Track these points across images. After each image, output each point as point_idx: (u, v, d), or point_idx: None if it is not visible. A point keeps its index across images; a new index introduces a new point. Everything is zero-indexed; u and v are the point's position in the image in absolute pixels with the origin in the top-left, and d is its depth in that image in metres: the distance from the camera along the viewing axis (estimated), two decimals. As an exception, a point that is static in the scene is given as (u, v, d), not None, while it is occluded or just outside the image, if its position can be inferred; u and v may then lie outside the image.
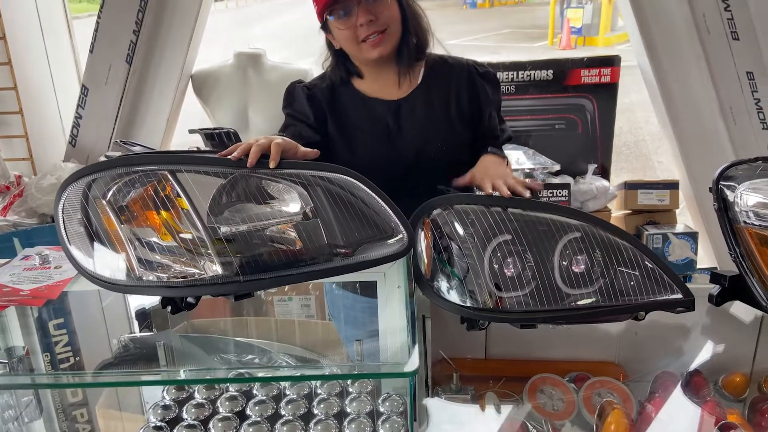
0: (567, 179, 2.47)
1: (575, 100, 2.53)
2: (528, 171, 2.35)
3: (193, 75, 2.43)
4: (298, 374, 0.98)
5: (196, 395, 1.14)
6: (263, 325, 2.10)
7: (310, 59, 2.30)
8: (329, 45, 1.46)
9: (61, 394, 1.47)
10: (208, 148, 1.09)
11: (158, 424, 1.07)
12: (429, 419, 1.31)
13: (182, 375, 1.07)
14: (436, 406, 1.36)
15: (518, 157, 2.36)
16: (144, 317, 1.47)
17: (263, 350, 1.76)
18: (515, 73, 2.49)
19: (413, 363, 0.86)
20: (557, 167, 2.44)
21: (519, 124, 2.55)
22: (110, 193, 1.00)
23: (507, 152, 1.91)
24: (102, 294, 1.62)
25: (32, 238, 1.98)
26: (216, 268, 0.99)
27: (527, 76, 2.50)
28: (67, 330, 1.81)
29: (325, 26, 1.40)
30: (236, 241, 1.01)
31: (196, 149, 1.08)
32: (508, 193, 1.19)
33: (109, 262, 1.00)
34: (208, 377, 1.04)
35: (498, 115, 1.54)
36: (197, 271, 1.00)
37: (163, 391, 1.15)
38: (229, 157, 1.01)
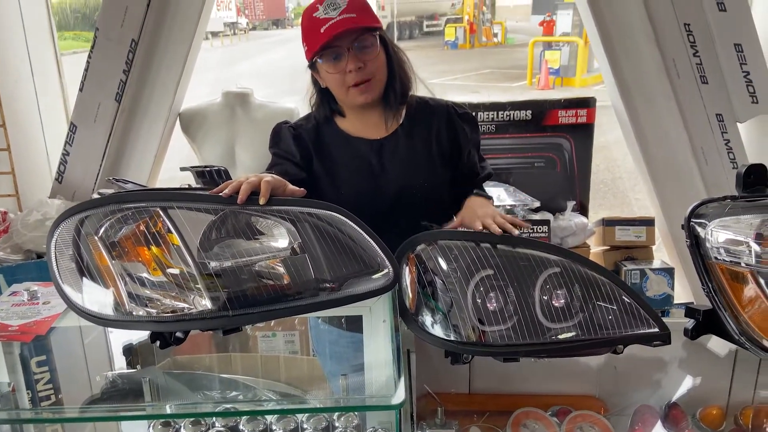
0: (547, 216, 2.52)
1: (553, 139, 2.61)
2: (509, 207, 2.40)
3: (181, 113, 2.46)
4: (285, 408, 0.99)
5: (182, 431, 1.14)
6: (247, 361, 2.09)
7: (295, 97, 2.36)
8: (315, 83, 1.51)
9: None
10: (198, 185, 1.11)
11: (144, 461, 1.07)
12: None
13: (168, 410, 1.08)
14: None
15: (499, 194, 2.42)
16: (129, 353, 1.47)
17: (248, 386, 1.76)
18: (495, 113, 2.57)
19: (399, 396, 0.88)
20: (537, 204, 2.49)
21: (500, 162, 2.62)
22: (102, 229, 1.02)
23: (489, 189, 1.97)
24: (84, 331, 1.62)
25: (17, 275, 1.97)
26: (205, 303, 1.01)
27: (507, 116, 2.58)
28: (48, 367, 1.79)
29: (313, 66, 1.46)
30: (225, 276, 1.04)
31: (187, 186, 1.10)
32: (499, 231, 1.22)
33: (100, 298, 1.01)
34: (193, 412, 1.04)
35: (477, 153, 1.59)
36: (186, 305, 1.02)
37: (149, 427, 1.15)
38: (221, 194, 1.04)
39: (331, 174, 1.48)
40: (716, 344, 1.44)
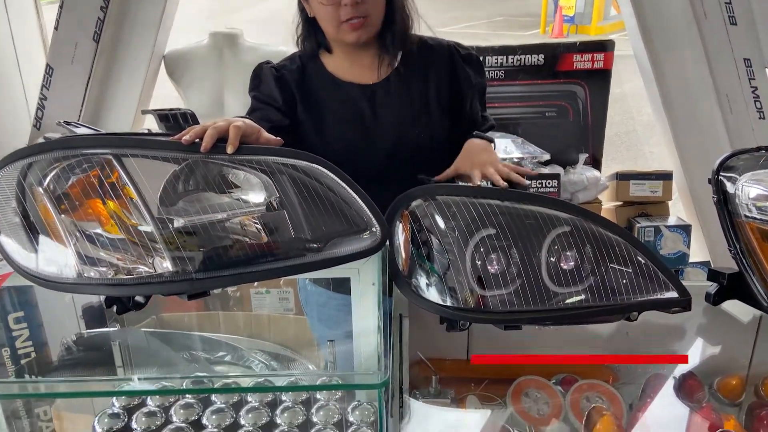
0: (557, 169, 2.37)
1: (567, 86, 2.43)
2: (516, 160, 2.24)
3: (165, 56, 2.29)
4: (259, 386, 0.88)
5: (149, 402, 1.04)
6: (237, 320, 2.01)
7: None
8: (301, 10, 1.35)
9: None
10: (161, 131, 0.98)
11: (104, 435, 0.97)
12: (411, 414, 1.24)
13: (135, 381, 0.97)
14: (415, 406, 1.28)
15: (506, 146, 2.26)
16: (94, 312, 1.36)
17: (233, 347, 1.67)
18: (504, 57, 2.38)
19: (382, 374, 0.77)
20: (547, 156, 2.34)
21: (508, 112, 2.45)
22: (48, 179, 0.90)
23: (495, 140, 1.80)
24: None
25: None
26: (167, 265, 0.90)
27: (517, 61, 2.39)
28: (27, 324, 1.71)
29: None
30: (190, 235, 0.92)
31: (147, 131, 0.97)
32: (503, 182, 1.11)
33: (47, 257, 0.90)
34: (158, 387, 0.93)
35: (481, 101, 1.44)
36: (146, 267, 0.90)
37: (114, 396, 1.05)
38: (182, 140, 0.91)
39: (317, 122, 1.34)
40: (738, 309, 1.32)
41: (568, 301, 1.06)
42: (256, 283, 2.14)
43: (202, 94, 2.24)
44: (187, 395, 1.04)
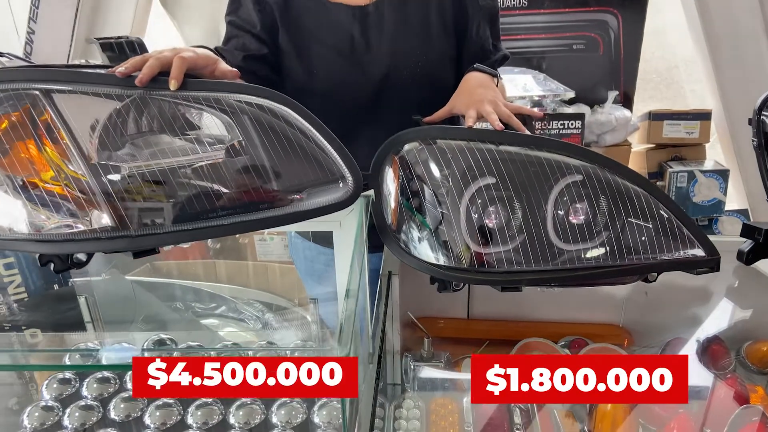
0: (582, 108, 2.18)
1: (597, 15, 2.20)
2: (537, 99, 2.06)
3: (158, -16, 2.15)
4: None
5: (105, 365, 0.97)
6: (236, 268, 1.93)
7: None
8: None
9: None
10: (100, 63, 0.85)
11: (50, 403, 0.89)
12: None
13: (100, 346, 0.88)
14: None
15: (526, 83, 2.07)
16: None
17: (225, 298, 1.59)
18: (529, -18, 2.16)
19: (342, 349, 0.65)
20: (571, 94, 2.14)
21: (531, 44, 2.24)
22: (-31, 120, 0.78)
23: (513, 77, 1.63)
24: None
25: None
26: (105, 220, 0.79)
27: (543, -14, 2.16)
28: (19, 269, 1.65)
29: None
30: (135, 185, 0.80)
31: (84, 62, 0.84)
32: (500, 125, 0.95)
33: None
34: (109, 362, 0.84)
35: (492, 29, 1.26)
36: (82, 223, 0.79)
37: (66, 358, 0.97)
38: (116, 73, 0.78)
39: (301, 50, 1.18)
40: (770, 267, 1.17)
41: (576, 259, 0.93)
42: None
43: (197, 25, 2.08)
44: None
